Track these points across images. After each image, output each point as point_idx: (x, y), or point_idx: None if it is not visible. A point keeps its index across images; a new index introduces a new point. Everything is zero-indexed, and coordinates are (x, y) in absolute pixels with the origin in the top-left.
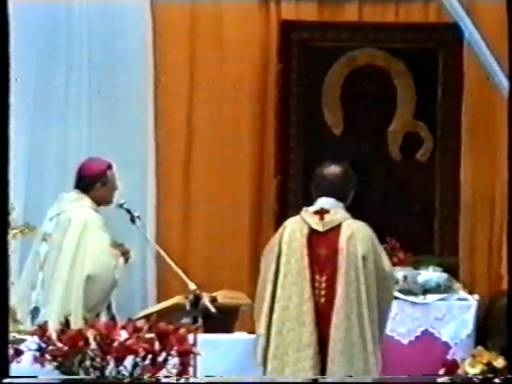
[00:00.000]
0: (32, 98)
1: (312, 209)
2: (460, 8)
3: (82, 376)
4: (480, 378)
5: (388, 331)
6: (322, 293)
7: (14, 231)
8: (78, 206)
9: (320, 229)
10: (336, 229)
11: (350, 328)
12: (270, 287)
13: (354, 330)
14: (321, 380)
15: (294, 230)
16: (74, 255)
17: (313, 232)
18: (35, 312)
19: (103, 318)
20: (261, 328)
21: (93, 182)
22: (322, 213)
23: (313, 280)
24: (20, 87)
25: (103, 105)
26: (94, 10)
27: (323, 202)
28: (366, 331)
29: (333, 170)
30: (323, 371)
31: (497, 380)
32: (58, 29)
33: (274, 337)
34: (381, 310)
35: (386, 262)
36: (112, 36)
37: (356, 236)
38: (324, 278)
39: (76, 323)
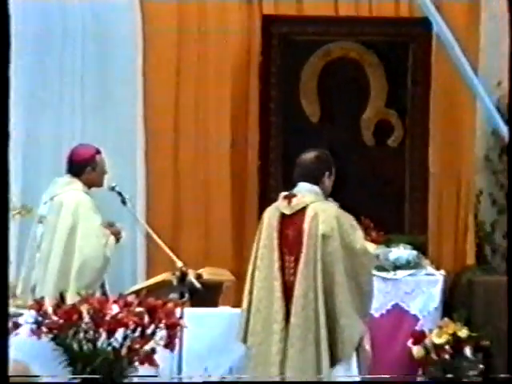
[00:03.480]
0: (28, 86)
1: (283, 194)
2: (430, 3)
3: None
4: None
5: None
6: (291, 271)
7: (13, 212)
8: (70, 189)
9: (288, 212)
10: (302, 211)
11: (306, 304)
12: (250, 268)
13: (309, 306)
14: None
15: (270, 216)
16: (67, 235)
17: (283, 216)
18: (34, 289)
19: (97, 295)
20: (243, 305)
21: (83, 166)
22: (290, 197)
23: (283, 260)
24: (16, 75)
25: (96, 93)
26: (87, 4)
27: (299, 186)
28: (320, 306)
29: (306, 156)
30: (286, 345)
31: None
32: (53, 22)
33: (253, 314)
34: (359, 286)
35: (357, 239)
36: (104, 30)
37: (319, 216)
38: (292, 258)
39: (71, 299)
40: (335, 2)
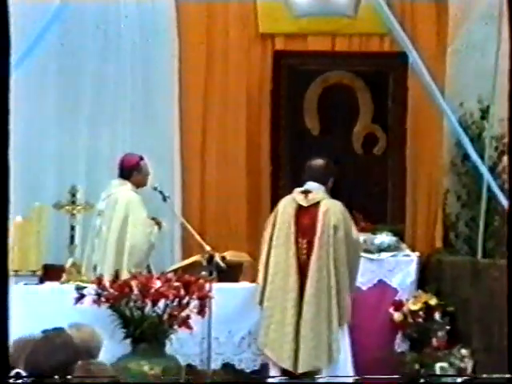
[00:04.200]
0: (89, 105)
1: (299, 189)
2: (406, 38)
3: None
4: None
5: None
6: (304, 252)
7: (78, 207)
8: (122, 189)
9: (304, 204)
10: (316, 205)
11: (320, 278)
12: (266, 247)
13: (323, 281)
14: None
15: (286, 205)
16: (120, 225)
17: (299, 207)
18: (95, 268)
19: (144, 273)
20: (260, 277)
21: (131, 171)
22: (306, 193)
23: (297, 242)
24: (76, 91)
25: (140, 107)
26: (129, 12)
27: (309, 185)
28: (332, 281)
29: (316, 162)
30: (301, 310)
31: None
32: (107, 35)
33: (269, 284)
34: (351, 267)
35: (354, 231)
36: (144, 39)
37: (330, 211)
38: (305, 241)
39: (124, 276)
40: (333, 39)
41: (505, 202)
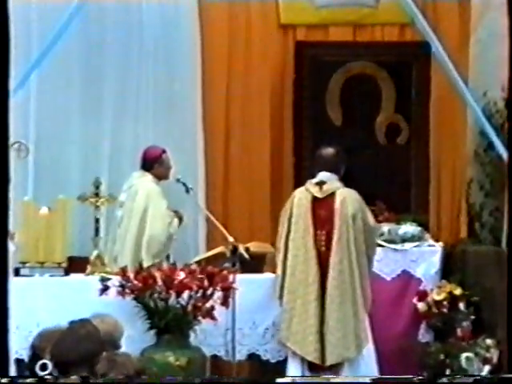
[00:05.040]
0: (114, 98)
1: (314, 181)
2: (428, 28)
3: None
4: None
5: (377, 271)
6: (323, 243)
7: (102, 200)
8: (143, 180)
9: (320, 196)
10: (332, 195)
11: (342, 269)
12: (283, 241)
13: (346, 271)
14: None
15: (301, 197)
16: (140, 216)
17: (315, 199)
18: (116, 259)
19: (165, 265)
20: (278, 271)
21: (152, 163)
22: (321, 184)
23: (315, 234)
24: (100, 85)
25: (163, 100)
26: (153, 11)
27: (322, 175)
28: (355, 271)
29: (327, 151)
30: (323, 302)
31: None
32: (130, 33)
33: (288, 277)
34: (368, 254)
35: (370, 219)
36: (168, 37)
37: (347, 200)
38: (324, 232)
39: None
40: (354, 29)
41: None
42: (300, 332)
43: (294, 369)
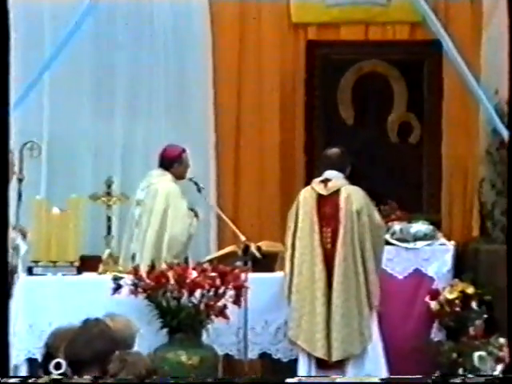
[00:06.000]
0: (124, 98)
1: (319, 179)
2: (440, 27)
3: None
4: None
5: (389, 270)
6: (328, 240)
7: (114, 199)
8: (163, 179)
9: (325, 193)
10: (337, 193)
11: (347, 266)
12: (290, 239)
13: (350, 268)
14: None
15: (306, 196)
16: (161, 216)
17: (320, 196)
18: (134, 257)
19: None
20: (286, 270)
21: (172, 162)
22: (325, 182)
23: (321, 232)
24: (112, 85)
25: (175, 100)
26: (164, 12)
27: (327, 173)
28: (359, 267)
29: (332, 150)
30: (330, 299)
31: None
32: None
33: (295, 276)
34: (375, 251)
35: (376, 215)
36: (179, 43)
37: (352, 197)
38: (329, 230)
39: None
40: (366, 27)
41: None
42: (309, 330)
43: (303, 367)
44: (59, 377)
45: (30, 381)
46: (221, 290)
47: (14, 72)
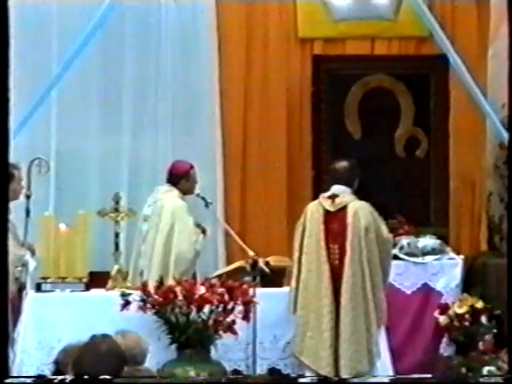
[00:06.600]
0: (131, 113)
1: (326, 194)
2: (446, 41)
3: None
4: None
5: (397, 285)
6: (336, 257)
7: (122, 215)
8: (170, 195)
9: (332, 209)
10: (344, 209)
11: (355, 283)
12: (296, 254)
13: (358, 285)
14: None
15: (313, 211)
16: (167, 232)
17: (327, 212)
18: (142, 273)
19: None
20: (292, 285)
21: (179, 178)
22: (333, 197)
23: (328, 248)
24: (118, 100)
25: (181, 116)
26: (172, 24)
27: (334, 188)
28: (367, 284)
29: (340, 164)
30: (337, 315)
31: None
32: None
33: (301, 291)
34: (383, 266)
35: (384, 230)
36: (185, 52)
37: (359, 213)
38: (336, 246)
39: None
40: (372, 42)
41: None
42: (313, 346)
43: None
44: None
45: None
46: (229, 306)
47: (20, 87)
